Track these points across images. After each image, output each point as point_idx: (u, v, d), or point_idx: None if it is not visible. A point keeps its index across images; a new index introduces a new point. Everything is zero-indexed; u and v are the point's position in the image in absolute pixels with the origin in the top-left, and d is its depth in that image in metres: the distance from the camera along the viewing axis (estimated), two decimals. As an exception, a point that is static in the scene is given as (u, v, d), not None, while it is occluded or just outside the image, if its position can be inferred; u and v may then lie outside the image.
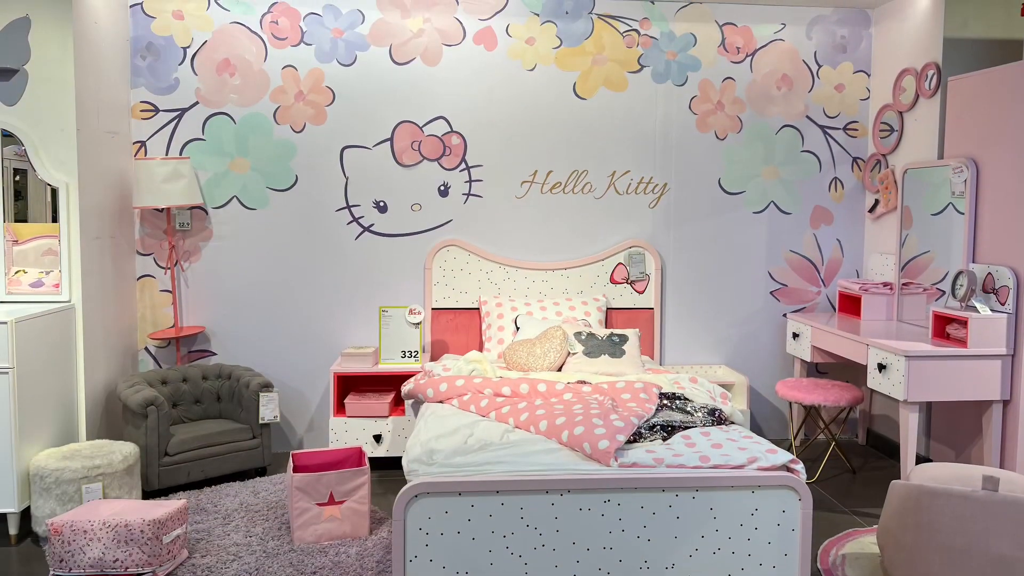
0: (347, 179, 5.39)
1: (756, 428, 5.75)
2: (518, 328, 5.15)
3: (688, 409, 3.87)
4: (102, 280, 4.77)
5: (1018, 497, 3.12)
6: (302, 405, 5.49)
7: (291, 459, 4.11)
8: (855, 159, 5.73)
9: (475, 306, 5.48)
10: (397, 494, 3.09)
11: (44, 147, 4.42)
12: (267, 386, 4.82)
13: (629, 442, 3.42)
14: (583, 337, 4.87)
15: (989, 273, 4.45)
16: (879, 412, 5.59)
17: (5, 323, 3.88)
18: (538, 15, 5.42)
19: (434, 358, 5.38)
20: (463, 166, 5.46)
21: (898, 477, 4.49)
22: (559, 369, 4.74)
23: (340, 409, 5.04)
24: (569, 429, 3.42)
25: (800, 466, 3.29)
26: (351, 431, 4.96)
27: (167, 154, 5.24)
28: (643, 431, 3.54)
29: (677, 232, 5.64)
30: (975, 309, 4.39)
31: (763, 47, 5.59)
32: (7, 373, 3.91)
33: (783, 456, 3.29)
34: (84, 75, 4.53)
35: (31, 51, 4.37)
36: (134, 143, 5.21)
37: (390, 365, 5.05)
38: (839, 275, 5.78)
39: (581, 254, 5.60)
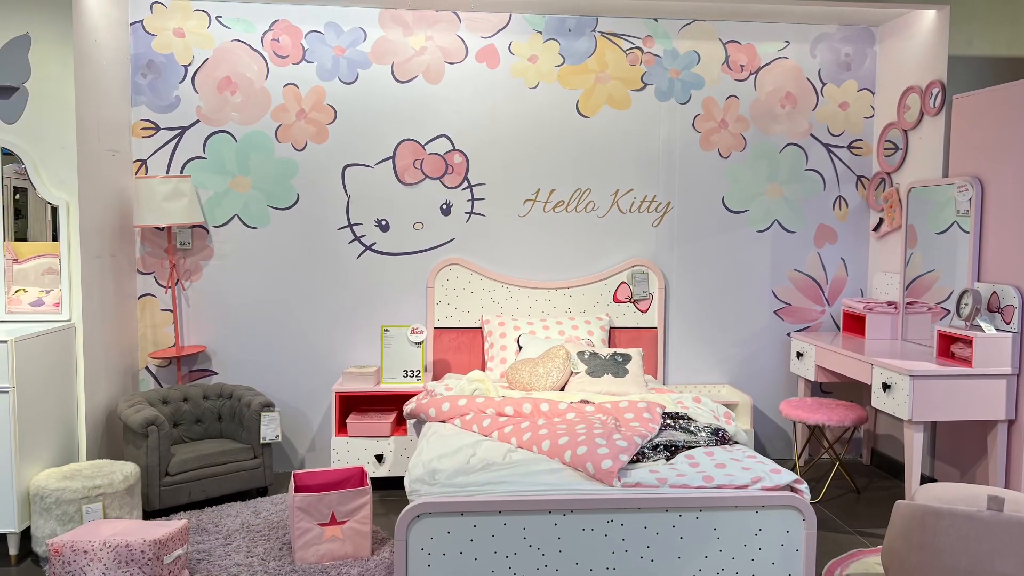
0: (349, 197, 5.39)
1: (760, 448, 5.72)
2: (520, 347, 5.13)
3: (691, 429, 3.85)
4: (102, 299, 4.76)
5: (1023, 517, 3.09)
6: (304, 425, 5.46)
7: (292, 479, 4.09)
8: (859, 177, 5.72)
9: (477, 325, 5.46)
10: (399, 514, 3.08)
11: (44, 165, 4.42)
12: (268, 406, 4.80)
13: (632, 462, 3.41)
14: (586, 356, 4.85)
15: (994, 292, 4.43)
16: (883, 432, 5.55)
17: (5, 342, 3.87)
18: (541, 33, 5.43)
19: (436, 377, 5.36)
20: (465, 184, 5.46)
21: (902, 497, 4.45)
22: (562, 389, 4.73)
23: (342, 429, 5.01)
24: (572, 449, 3.41)
25: (804, 486, 3.28)
26: (353, 451, 4.93)
27: (168, 172, 5.24)
28: (646, 451, 3.52)
29: (680, 251, 5.63)
30: (980, 328, 4.37)
31: (767, 65, 5.59)
32: (7, 392, 3.89)
33: (787, 476, 3.28)
34: (84, 93, 4.54)
35: (31, 69, 4.38)
36: (135, 161, 5.21)
37: (392, 384, 5.03)
38: (843, 294, 5.76)
39: (584, 273, 5.58)
